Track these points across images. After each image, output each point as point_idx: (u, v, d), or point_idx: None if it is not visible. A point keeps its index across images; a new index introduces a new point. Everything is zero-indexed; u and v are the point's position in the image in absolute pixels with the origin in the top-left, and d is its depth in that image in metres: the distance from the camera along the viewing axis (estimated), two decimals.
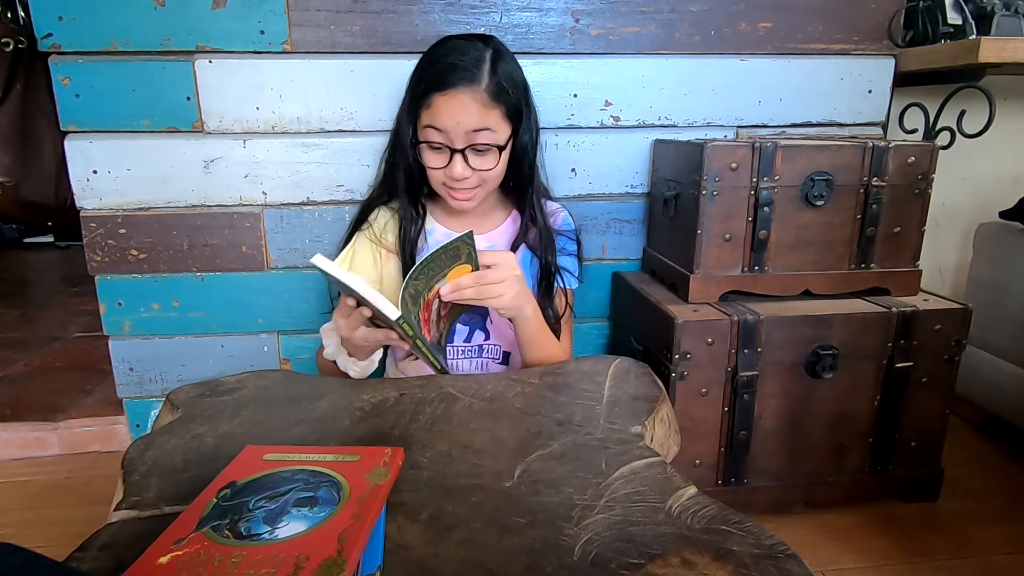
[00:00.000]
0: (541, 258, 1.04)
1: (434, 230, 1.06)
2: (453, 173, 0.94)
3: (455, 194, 0.97)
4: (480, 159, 0.94)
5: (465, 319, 1.04)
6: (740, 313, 1.08)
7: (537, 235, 1.04)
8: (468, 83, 0.91)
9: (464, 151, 0.93)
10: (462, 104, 0.91)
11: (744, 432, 1.12)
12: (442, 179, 0.96)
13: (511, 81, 0.95)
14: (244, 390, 0.77)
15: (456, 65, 0.92)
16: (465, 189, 0.96)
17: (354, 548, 0.38)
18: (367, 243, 1.04)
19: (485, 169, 0.95)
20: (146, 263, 1.23)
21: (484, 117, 0.92)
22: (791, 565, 0.44)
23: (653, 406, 0.70)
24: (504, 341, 1.06)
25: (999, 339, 1.40)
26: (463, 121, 0.91)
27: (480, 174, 0.95)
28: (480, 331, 1.05)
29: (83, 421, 1.48)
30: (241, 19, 1.14)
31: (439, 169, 0.95)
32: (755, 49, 1.29)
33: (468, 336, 1.05)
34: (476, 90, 0.91)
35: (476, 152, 0.94)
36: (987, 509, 1.22)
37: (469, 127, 0.91)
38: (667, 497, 0.53)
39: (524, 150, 1.01)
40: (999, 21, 1.22)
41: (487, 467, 0.59)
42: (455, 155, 0.93)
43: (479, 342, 1.05)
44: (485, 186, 0.98)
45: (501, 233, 1.07)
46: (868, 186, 1.11)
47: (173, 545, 0.39)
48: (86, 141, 1.17)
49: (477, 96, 0.91)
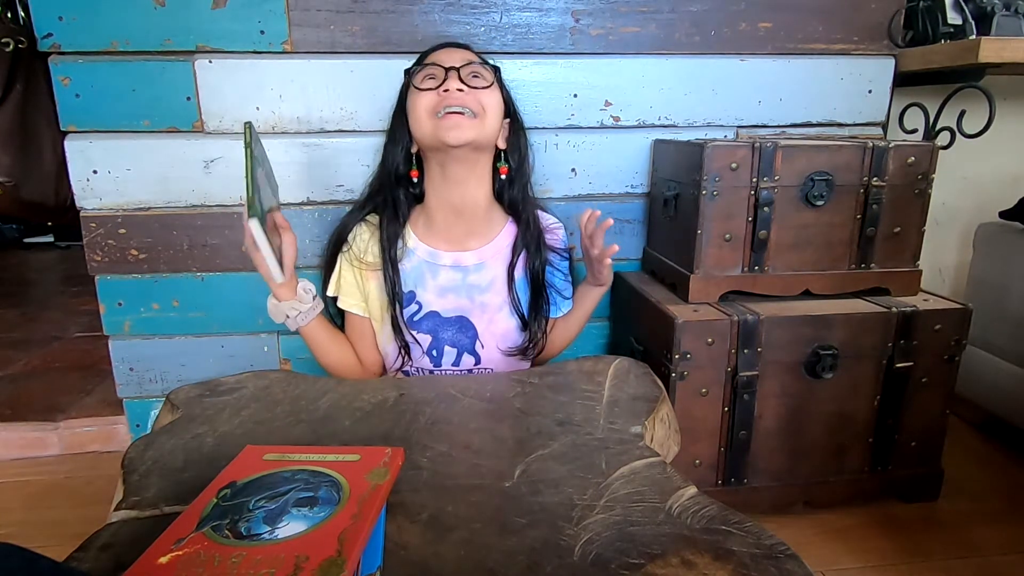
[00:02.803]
0: (530, 264, 1.03)
1: (416, 248, 1.03)
2: (450, 86, 0.92)
3: (449, 119, 0.92)
4: (475, 80, 0.95)
5: (453, 341, 1.02)
6: (740, 313, 1.08)
7: (532, 239, 1.04)
8: (460, 47, 1.02)
9: (459, 70, 0.94)
10: (457, 51, 1.00)
11: (744, 432, 1.12)
12: (435, 107, 0.93)
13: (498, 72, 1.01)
14: (244, 390, 0.77)
15: (449, 41, 1.05)
16: (459, 113, 0.92)
17: (354, 548, 0.38)
18: (348, 265, 1.03)
19: (481, 87, 0.95)
20: (146, 263, 1.23)
21: (476, 62, 0.98)
22: (791, 565, 0.44)
23: (653, 406, 0.70)
24: (494, 364, 1.04)
25: (999, 339, 1.40)
26: (456, 56, 0.97)
27: (475, 95, 0.94)
28: (469, 355, 1.03)
29: (83, 421, 1.48)
30: (241, 19, 1.14)
31: (431, 91, 0.93)
32: (755, 49, 1.29)
33: (456, 360, 1.03)
34: (467, 51, 1.01)
35: (472, 76, 0.95)
36: (987, 509, 1.22)
37: (464, 59, 0.96)
38: (667, 497, 0.53)
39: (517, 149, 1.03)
40: (999, 21, 1.22)
41: (487, 467, 0.59)
42: (449, 72, 0.93)
43: (468, 366, 1.04)
44: (480, 121, 0.94)
45: (500, 242, 1.05)
46: (868, 186, 1.11)
47: (173, 545, 0.39)
48: (86, 141, 1.17)
49: (468, 55, 1.00)
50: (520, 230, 1.04)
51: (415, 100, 0.95)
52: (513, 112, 1.06)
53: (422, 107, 0.94)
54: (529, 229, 1.03)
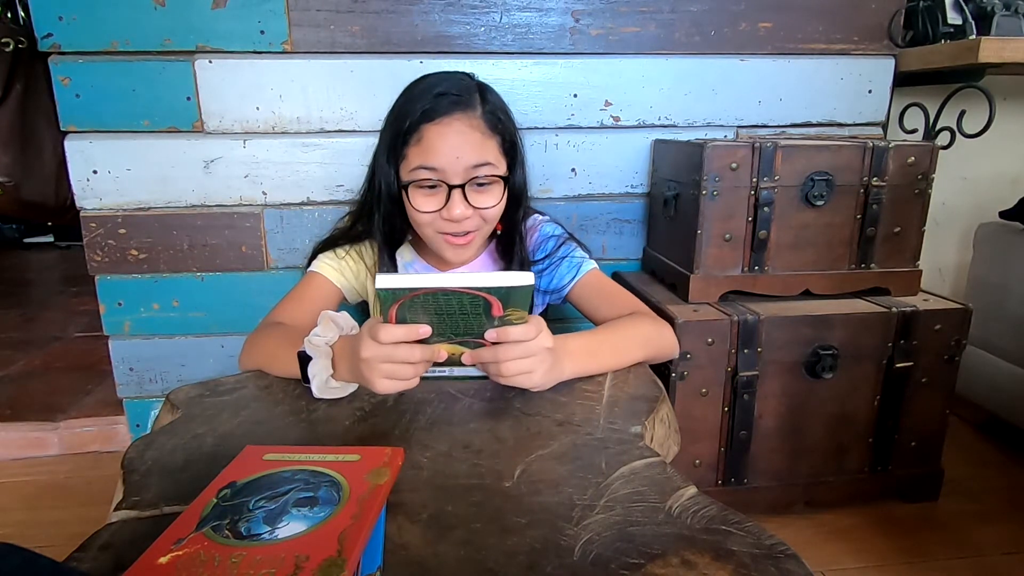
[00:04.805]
0: None
1: (413, 263, 0.95)
2: (452, 214, 0.81)
3: (453, 240, 0.84)
4: (481, 195, 0.83)
5: None
6: (740, 313, 1.08)
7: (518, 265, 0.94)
8: (463, 110, 0.81)
9: (464, 187, 0.81)
10: (459, 133, 0.80)
11: (744, 432, 1.12)
12: (436, 225, 0.84)
13: (504, 111, 0.87)
14: (244, 390, 0.77)
15: (446, 93, 0.81)
16: (463, 234, 0.84)
17: (354, 548, 0.38)
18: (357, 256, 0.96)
19: (487, 207, 0.83)
20: (146, 263, 1.23)
21: (483, 150, 0.82)
22: (791, 565, 0.44)
23: (653, 406, 0.70)
24: None
25: (999, 339, 1.40)
26: (463, 155, 0.80)
27: (481, 213, 0.83)
28: None
29: (83, 421, 1.48)
30: (241, 19, 1.14)
31: (432, 213, 0.82)
32: (755, 49, 1.29)
33: None
34: (472, 116, 0.81)
35: (476, 187, 0.82)
36: (987, 509, 1.22)
37: (469, 162, 0.80)
38: (667, 497, 0.53)
39: (520, 194, 0.91)
40: (999, 21, 1.22)
41: (487, 467, 0.59)
42: (453, 192, 0.80)
43: None
44: (483, 229, 0.87)
45: (479, 266, 0.97)
46: (868, 186, 1.11)
47: (173, 545, 0.38)
48: (86, 141, 1.17)
49: (474, 123, 0.81)
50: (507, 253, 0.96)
51: (414, 210, 0.83)
52: (520, 193, 0.92)
53: (423, 221, 0.84)
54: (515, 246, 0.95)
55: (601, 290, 0.95)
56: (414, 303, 0.60)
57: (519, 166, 0.90)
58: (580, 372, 0.76)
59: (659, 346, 0.85)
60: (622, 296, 0.94)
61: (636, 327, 0.84)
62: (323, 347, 0.72)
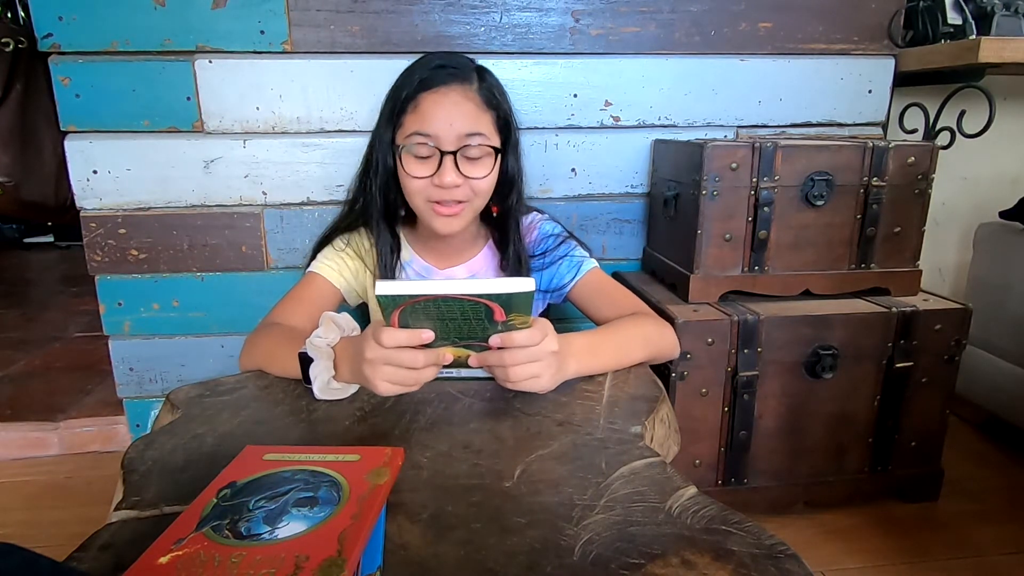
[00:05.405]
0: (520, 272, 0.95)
1: (412, 262, 0.97)
2: (443, 180, 0.82)
3: (441, 209, 0.86)
4: (472, 166, 0.85)
5: None
6: (740, 313, 1.08)
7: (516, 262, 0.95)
8: (460, 82, 0.84)
9: (455, 153, 0.83)
10: (455, 103, 0.83)
11: (744, 432, 1.12)
12: (426, 193, 0.85)
13: (500, 91, 0.89)
14: (244, 390, 0.77)
15: (445, 65, 0.85)
16: (452, 203, 0.85)
17: (354, 548, 0.38)
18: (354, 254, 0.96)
19: (477, 177, 0.85)
20: (146, 263, 1.23)
21: (477, 121, 0.84)
22: (791, 565, 0.44)
23: (653, 406, 0.70)
24: None
25: (999, 339, 1.40)
26: (456, 124, 0.82)
27: (471, 184, 0.85)
28: None
29: (83, 421, 1.49)
30: (241, 19, 1.14)
31: (424, 179, 0.84)
32: (755, 49, 1.29)
33: None
34: (468, 89, 0.84)
35: (468, 159, 0.84)
36: (987, 509, 1.22)
37: (462, 130, 0.83)
38: (667, 497, 0.53)
39: (513, 177, 0.92)
40: (999, 21, 1.22)
41: (487, 467, 0.59)
42: (445, 158, 0.82)
43: None
44: (473, 203, 0.88)
45: (481, 262, 0.98)
46: (868, 186, 1.11)
47: (173, 545, 0.38)
48: (86, 141, 1.17)
49: (469, 95, 0.84)
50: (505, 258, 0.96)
51: (405, 175, 0.86)
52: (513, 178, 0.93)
53: (413, 188, 0.86)
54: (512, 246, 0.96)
55: (602, 290, 0.96)
56: (416, 309, 0.61)
57: (513, 148, 0.91)
58: (583, 371, 0.76)
59: (660, 346, 0.85)
60: (624, 296, 0.95)
61: (638, 327, 0.85)
62: (325, 348, 0.72)
